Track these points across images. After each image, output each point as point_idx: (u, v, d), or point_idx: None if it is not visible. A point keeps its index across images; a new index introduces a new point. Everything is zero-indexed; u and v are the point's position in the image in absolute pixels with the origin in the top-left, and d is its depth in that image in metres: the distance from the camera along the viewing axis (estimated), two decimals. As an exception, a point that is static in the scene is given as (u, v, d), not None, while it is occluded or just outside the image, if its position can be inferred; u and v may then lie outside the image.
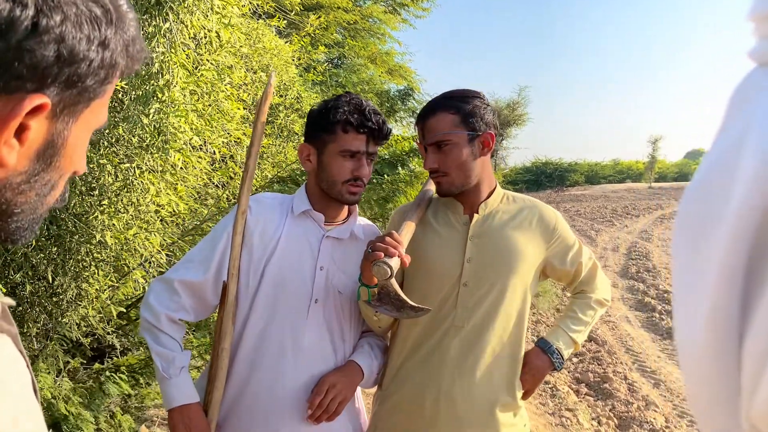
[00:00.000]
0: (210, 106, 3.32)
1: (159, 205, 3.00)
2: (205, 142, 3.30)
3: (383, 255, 1.33)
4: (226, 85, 3.47)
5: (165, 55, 2.74)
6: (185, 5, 2.76)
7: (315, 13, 7.41)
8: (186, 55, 2.95)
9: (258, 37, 4.49)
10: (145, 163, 2.81)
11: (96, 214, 2.73)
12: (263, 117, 1.53)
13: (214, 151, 3.49)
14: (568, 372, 5.22)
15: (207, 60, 3.26)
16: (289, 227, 1.53)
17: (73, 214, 2.72)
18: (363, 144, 1.49)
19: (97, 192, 2.75)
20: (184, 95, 2.95)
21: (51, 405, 2.69)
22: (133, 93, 2.75)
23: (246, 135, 3.74)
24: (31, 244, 2.65)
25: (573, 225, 15.35)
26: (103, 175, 2.72)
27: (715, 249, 0.36)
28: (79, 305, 2.92)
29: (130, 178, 2.79)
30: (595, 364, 5.38)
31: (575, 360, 5.50)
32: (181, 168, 3.04)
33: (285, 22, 5.82)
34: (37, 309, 2.86)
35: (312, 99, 5.04)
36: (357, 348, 1.60)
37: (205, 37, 3.11)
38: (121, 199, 2.82)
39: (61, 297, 2.85)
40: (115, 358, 3.57)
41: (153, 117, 2.73)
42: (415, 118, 2.18)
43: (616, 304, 7.67)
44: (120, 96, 2.77)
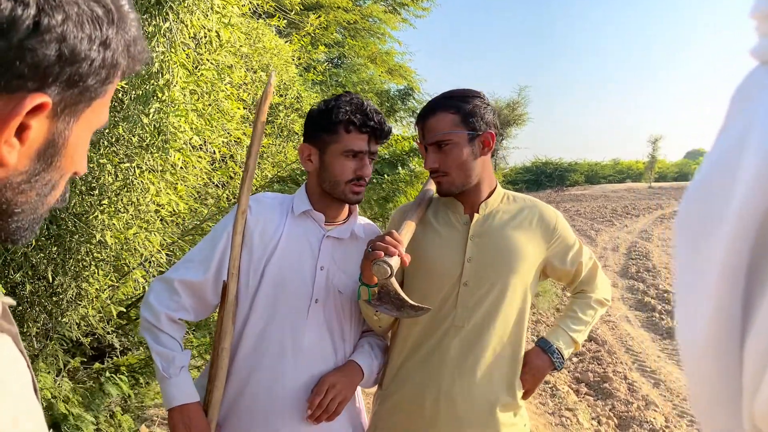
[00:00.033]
0: (210, 105, 3.32)
1: (159, 204, 3.00)
2: (205, 142, 3.30)
3: (383, 254, 1.33)
4: (226, 84, 3.47)
5: (165, 55, 2.74)
6: (185, 5, 2.75)
7: (315, 13, 7.40)
8: (186, 54, 2.95)
9: (258, 37, 4.49)
10: (145, 163, 2.81)
11: (96, 214, 2.73)
12: (263, 116, 1.53)
13: (214, 151, 3.49)
14: (568, 372, 5.22)
15: (207, 59, 3.26)
16: (289, 227, 1.52)
17: (73, 213, 2.72)
18: (365, 143, 1.49)
19: (97, 191, 2.75)
20: (184, 95, 2.95)
21: (51, 405, 2.69)
22: (133, 92, 2.75)
23: (246, 134, 3.74)
24: (31, 244, 2.65)
25: (573, 225, 15.34)
26: (103, 174, 2.72)
27: (716, 249, 0.36)
28: (79, 305, 2.92)
29: (130, 178, 2.79)
30: (595, 363, 5.38)
31: (575, 360, 5.50)
32: (181, 167, 3.04)
33: (285, 21, 5.81)
34: (37, 308, 2.86)
35: (312, 99, 5.04)
36: (357, 348, 1.60)
37: (205, 36, 3.11)
38: (121, 199, 2.82)
39: (61, 296, 2.85)
40: (115, 358, 3.57)
41: (153, 116, 2.73)
42: (415, 118, 2.17)
43: (616, 304, 7.67)
44: (120, 95, 2.77)
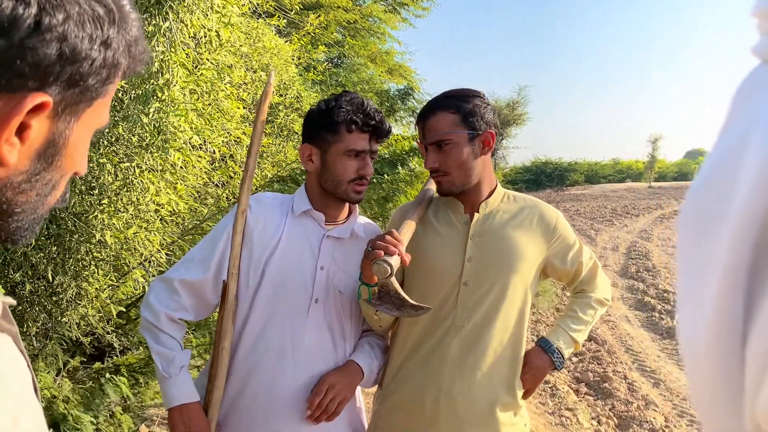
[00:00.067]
0: (210, 105, 3.32)
1: (159, 204, 3.00)
2: (204, 142, 3.30)
3: (383, 253, 1.33)
4: (225, 84, 3.47)
5: (165, 54, 2.74)
6: (185, 4, 2.75)
7: (315, 13, 7.40)
8: (186, 54, 2.95)
9: (258, 37, 4.49)
10: (145, 162, 2.81)
11: (96, 214, 2.73)
12: (263, 116, 1.53)
13: (214, 151, 3.49)
14: (568, 371, 5.22)
15: (207, 59, 3.26)
16: (289, 227, 1.52)
17: (73, 213, 2.72)
18: (367, 143, 1.49)
19: (96, 191, 2.75)
20: (184, 94, 2.95)
21: (51, 404, 2.69)
22: (132, 92, 2.75)
23: (246, 134, 3.74)
24: (31, 243, 2.65)
25: (573, 224, 15.34)
26: (102, 174, 2.72)
27: (718, 248, 0.35)
28: (79, 304, 2.92)
29: (130, 177, 2.79)
30: (594, 363, 5.38)
31: (575, 359, 5.50)
32: (180, 167, 3.04)
33: (285, 21, 5.81)
34: (36, 308, 2.86)
35: (312, 98, 5.04)
36: (357, 347, 1.60)
37: (205, 36, 3.11)
38: (121, 198, 2.82)
39: (60, 296, 2.85)
40: (115, 358, 3.57)
41: (153, 116, 2.73)
42: (415, 118, 2.17)
43: (616, 304, 7.67)
44: (120, 95, 2.77)
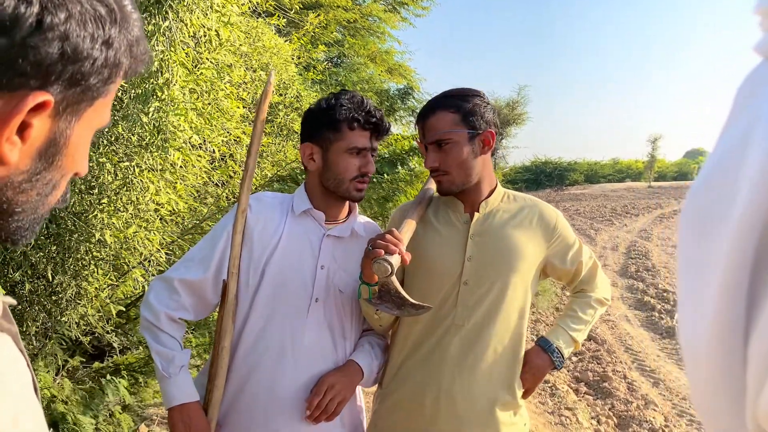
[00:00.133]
0: (209, 104, 3.32)
1: (158, 203, 2.99)
2: (204, 141, 3.30)
3: (384, 252, 1.33)
4: (225, 83, 3.47)
5: (164, 54, 2.74)
6: (185, 3, 2.75)
7: (314, 12, 7.40)
8: (185, 53, 2.94)
9: (257, 36, 4.49)
10: (145, 162, 2.81)
11: (95, 213, 2.73)
12: (263, 115, 1.53)
13: (214, 150, 3.49)
14: (568, 371, 5.22)
15: (206, 58, 3.26)
16: (289, 226, 1.52)
17: (73, 212, 2.72)
18: (368, 140, 1.50)
19: (96, 190, 2.75)
20: (184, 94, 2.95)
21: (50, 404, 2.69)
22: (132, 91, 2.75)
23: (245, 134, 3.74)
24: (31, 243, 2.65)
25: (572, 224, 15.33)
26: (102, 173, 2.72)
27: (720, 247, 0.35)
28: (79, 304, 2.92)
29: (130, 177, 2.79)
30: (594, 363, 5.38)
31: (575, 359, 5.50)
32: (180, 166, 3.04)
33: (284, 20, 5.81)
34: (36, 307, 2.86)
35: (311, 98, 5.04)
36: (357, 347, 1.60)
37: (205, 35, 3.11)
38: (121, 198, 2.82)
39: (60, 296, 2.84)
40: (115, 357, 3.57)
41: (152, 115, 2.73)
42: (414, 117, 2.18)
43: (616, 303, 7.67)
44: (119, 94, 2.77)
